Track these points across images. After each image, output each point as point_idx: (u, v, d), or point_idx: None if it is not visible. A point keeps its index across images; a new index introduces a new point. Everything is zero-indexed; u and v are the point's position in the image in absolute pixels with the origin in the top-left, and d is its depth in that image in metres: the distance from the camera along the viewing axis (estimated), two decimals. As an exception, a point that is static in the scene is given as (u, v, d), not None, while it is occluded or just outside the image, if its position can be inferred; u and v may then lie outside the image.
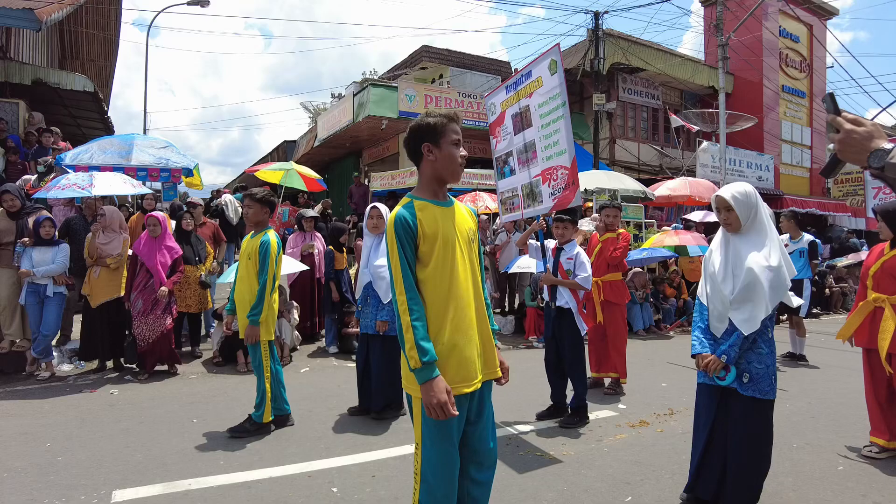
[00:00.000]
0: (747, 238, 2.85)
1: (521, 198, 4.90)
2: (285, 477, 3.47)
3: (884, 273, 3.86)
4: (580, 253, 4.64)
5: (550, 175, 4.53)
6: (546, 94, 4.50)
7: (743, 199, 2.84)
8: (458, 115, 2.32)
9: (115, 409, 4.91)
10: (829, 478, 3.49)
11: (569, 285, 4.58)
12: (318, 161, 19.77)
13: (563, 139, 4.39)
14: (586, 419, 4.52)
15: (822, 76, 22.30)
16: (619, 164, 17.36)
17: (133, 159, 9.20)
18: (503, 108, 5.09)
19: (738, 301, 2.82)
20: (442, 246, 2.12)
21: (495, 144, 5.23)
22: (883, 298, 3.81)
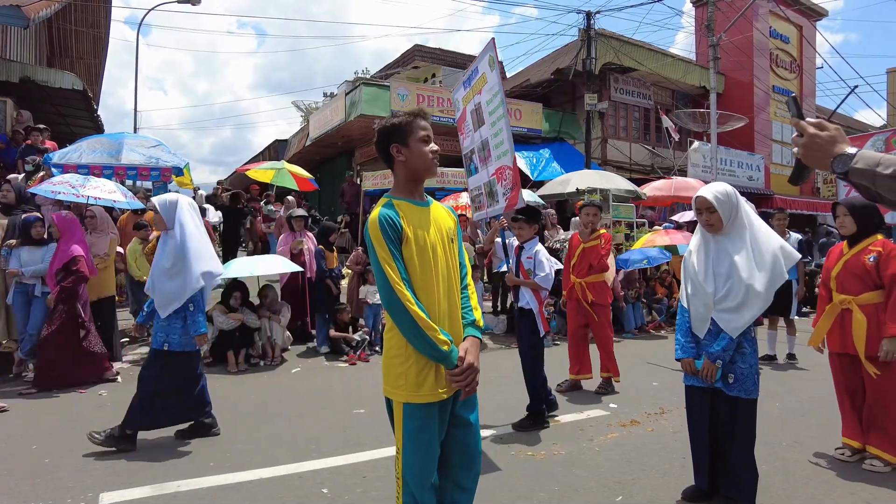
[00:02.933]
0: (729, 238, 2.83)
1: (485, 196, 4.86)
2: (276, 478, 3.45)
3: (847, 273, 3.75)
4: (539, 252, 4.57)
5: (501, 174, 4.49)
6: (490, 91, 4.42)
7: (724, 199, 2.83)
8: (425, 110, 2.28)
9: (104, 410, 4.87)
10: (818, 476, 3.51)
11: (529, 285, 4.52)
12: (309, 160, 19.70)
13: (505, 139, 4.31)
14: (543, 423, 4.42)
15: (812, 77, 22.45)
16: (611, 164, 17.40)
17: (123, 158, 9.13)
18: (464, 105, 5.02)
19: (728, 305, 2.80)
20: (420, 250, 2.09)
21: (462, 141, 5.21)
22: (849, 300, 3.70)
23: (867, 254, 3.64)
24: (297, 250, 7.64)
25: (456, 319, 2.17)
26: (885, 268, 3.55)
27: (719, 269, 2.84)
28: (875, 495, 3.24)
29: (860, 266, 3.65)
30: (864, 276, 3.64)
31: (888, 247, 3.61)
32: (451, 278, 2.18)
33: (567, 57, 16.96)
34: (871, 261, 3.60)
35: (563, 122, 17.42)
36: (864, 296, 3.64)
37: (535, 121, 16.73)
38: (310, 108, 31.80)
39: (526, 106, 16.80)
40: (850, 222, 3.73)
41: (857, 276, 3.68)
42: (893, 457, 3.50)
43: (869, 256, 3.62)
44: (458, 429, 2.18)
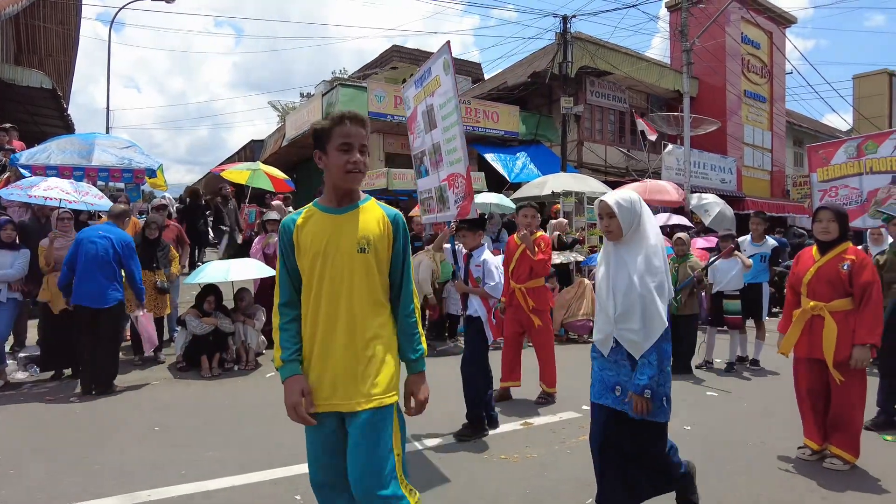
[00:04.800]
0: (628, 248, 2.70)
1: (435, 200, 4.76)
2: (248, 485, 3.44)
3: (819, 280, 3.72)
4: (487, 260, 4.45)
5: (454, 182, 4.41)
6: (444, 95, 4.32)
7: (627, 205, 2.70)
8: (358, 115, 2.09)
9: (73, 417, 4.79)
10: (781, 475, 3.61)
11: (477, 293, 4.43)
12: (286, 161, 19.54)
13: (459, 146, 4.23)
14: (482, 431, 4.33)
15: (782, 82, 22.99)
16: (587, 167, 17.60)
17: (94, 159, 8.97)
18: (415, 104, 4.88)
19: (630, 326, 2.62)
20: (313, 261, 2.03)
21: (412, 141, 5.08)
22: (821, 306, 3.68)
23: (841, 261, 3.65)
24: (270, 251, 7.59)
25: (356, 333, 2.03)
26: (858, 276, 3.57)
27: (618, 284, 2.68)
28: (835, 493, 3.35)
29: (834, 273, 3.65)
30: (837, 283, 3.64)
31: (860, 255, 3.65)
32: (353, 291, 2.03)
33: (544, 60, 17.11)
34: (844, 269, 3.61)
35: (540, 125, 17.57)
36: (836, 303, 3.65)
37: (511, 123, 16.85)
38: (287, 108, 31.54)
39: (503, 108, 16.91)
40: (836, 228, 3.72)
41: (829, 283, 3.67)
42: (853, 456, 3.63)
43: (843, 264, 3.63)
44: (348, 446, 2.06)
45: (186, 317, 6.47)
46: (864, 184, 7.27)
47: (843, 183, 7.51)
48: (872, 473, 3.62)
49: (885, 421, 4.51)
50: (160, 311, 6.84)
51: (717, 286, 6.91)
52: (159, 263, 6.80)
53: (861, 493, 3.37)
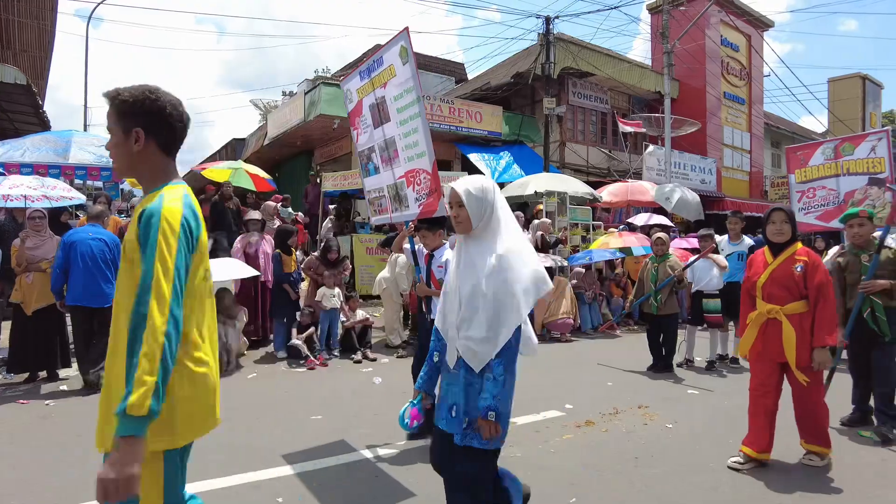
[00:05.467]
0: (478, 244, 2.37)
1: (389, 199, 4.53)
2: (230, 488, 3.40)
3: (773, 283, 3.68)
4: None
5: (414, 178, 4.20)
6: (400, 86, 4.09)
7: (478, 195, 2.38)
8: None
9: (48, 421, 4.69)
10: (763, 471, 3.65)
11: (437, 295, 4.13)
12: (268, 160, 19.37)
13: (422, 140, 4.03)
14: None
15: (760, 84, 23.35)
16: (569, 167, 17.69)
17: (71, 157, 8.81)
18: (360, 97, 4.60)
19: (472, 333, 2.27)
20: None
21: (356, 137, 4.79)
22: (777, 309, 3.64)
23: (794, 263, 3.63)
24: (252, 250, 7.52)
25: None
26: (812, 278, 3.56)
27: (464, 285, 2.34)
28: (816, 492, 3.41)
29: (787, 275, 3.63)
30: (791, 285, 3.62)
31: (812, 256, 3.64)
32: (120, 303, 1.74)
33: (527, 61, 17.16)
34: (798, 270, 3.59)
35: (523, 125, 17.62)
36: (791, 305, 3.62)
37: (495, 123, 16.87)
38: (268, 106, 31.26)
39: (486, 108, 16.93)
40: (789, 230, 3.70)
41: (784, 285, 3.64)
42: (826, 449, 3.71)
43: (796, 266, 3.61)
44: None
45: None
46: (841, 185, 7.29)
47: (821, 184, 7.61)
48: (849, 469, 3.69)
49: (859, 418, 4.61)
50: None
51: (697, 285, 6.99)
52: None
53: (836, 485, 3.43)
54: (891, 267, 4.36)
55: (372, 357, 7.18)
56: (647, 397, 5.44)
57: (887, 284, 4.29)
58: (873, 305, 4.34)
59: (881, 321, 4.31)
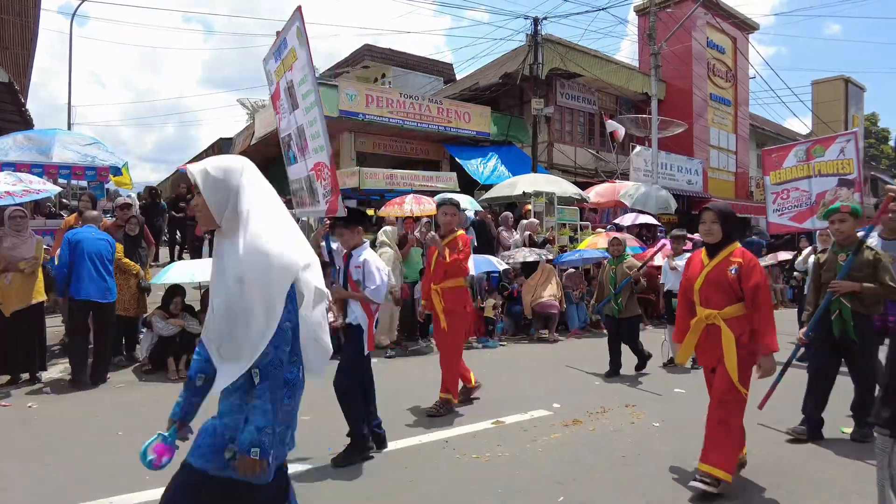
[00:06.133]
0: (230, 241, 1.88)
1: (306, 192, 4.30)
2: (216, 490, 3.37)
3: (709, 286, 3.45)
4: (368, 260, 3.92)
5: (320, 172, 4.00)
6: (301, 70, 3.88)
7: (217, 176, 1.88)
8: None
9: (32, 423, 4.63)
10: (749, 469, 3.68)
11: (357, 298, 3.89)
12: (255, 159, 18.82)
13: (321, 131, 3.81)
14: (365, 452, 3.87)
15: (746, 86, 23.61)
16: (557, 168, 17.76)
17: (54, 156, 8.70)
18: (276, 79, 4.36)
19: (218, 335, 1.89)
20: None
21: (279, 122, 4.56)
22: (715, 314, 3.41)
23: (729, 265, 3.40)
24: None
25: None
26: (747, 279, 3.33)
27: (217, 290, 1.89)
28: (795, 486, 3.44)
29: (723, 278, 3.40)
30: (727, 288, 3.39)
31: (747, 257, 3.41)
32: None
33: (515, 61, 17.21)
34: (732, 273, 3.36)
35: (511, 126, 17.67)
36: (728, 309, 3.38)
37: (483, 124, 16.91)
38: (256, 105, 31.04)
39: (474, 109, 16.96)
40: (718, 230, 3.46)
41: (720, 288, 3.42)
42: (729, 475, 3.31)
43: (731, 268, 3.38)
44: None
45: (152, 318, 6.33)
46: (812, 186, 7.42)
47: (794, 185, 7.72)
48: (829, 465, 3.74)
49: (810, 432, 4.23)
50: (141, 310, 6.67)
51: (668, 285, 6.96)
52: (140, 262, 6.69)
53: (821, 482, 3.47)
54: (868, 269, 4.10)
55: (360, 357, 7.16)
56: (634, 396, 5.48)
57: (856, 287, 4.06)
58: (841, 308, 4.14)
59: (847, 325, 4.11)
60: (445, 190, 11.92)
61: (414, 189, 11.23)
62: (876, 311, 4.22)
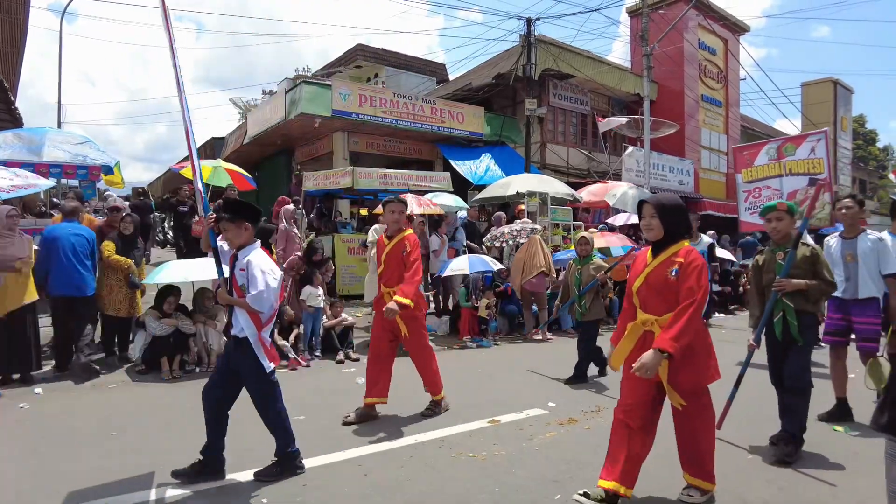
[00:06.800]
0: None
1: None
2: (210, 490, 3.36)
3: (649, 289, 3.07)
4: (252, 263, 3.44)
5: None
6: None
7: None
8: None
9: (24, 424, 4.59)
10: (735, 470, 3.72)
11: (239, 305, 3.45)
12: (247, 159, 19.18)
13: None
14: (296, 469, 3.60)
15: (737, 87, 23.80)
16: (550, 168, 17.82)
17: (45, 155, 8.62)
18: None
19: None
20: None
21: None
22: (652, 320, 3.03)
23: (670, 266, 2.99)
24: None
25: None
26: (684, 280, 2.93)
27: None
28: (790, 483, 3.48)
29: (662, 280, 3.01)
30: (666, 292, 3.00)
31: (691, 257, 2.97)
32: None
33: (508, 62, 17.25)
34: (672, 275, 2.96)
35: (504, 126, 17.71)
36: (668, 316, 2.96)
37: (476, 124, 16.94)
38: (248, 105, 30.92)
39: (468, 109, 16.98)
40: (658, 225, 3.05)
41: (659, 292, 3.03)
42: (709, 484, 3.21)
43: (671, 270, 2.97)
44: None
45: (146, 318, 6.29)
46: (784, 185, 7.27)
47: (766, 184, 7.54)
48: (827, 463, 3.78)
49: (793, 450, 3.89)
50: (133, 311, 6.60)
51: None
52: (135, 262, 6.62)
53: (812, 479, 3.51)
54: (807, 266, 3.91)
55: (354, 357, 7.15)
56: (628, 395, 5.50)
57: (802, 284, 3.85)
58: (785, 309, 3.91)
59: (791, 326, 3.88)
60: (439, 190, 11.93)
61: (409, 189, 11.23)
62: (818, 310, 4.09)
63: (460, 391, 5.39)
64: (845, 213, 4.76)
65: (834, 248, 4.87)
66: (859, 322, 4.70)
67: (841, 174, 30.07)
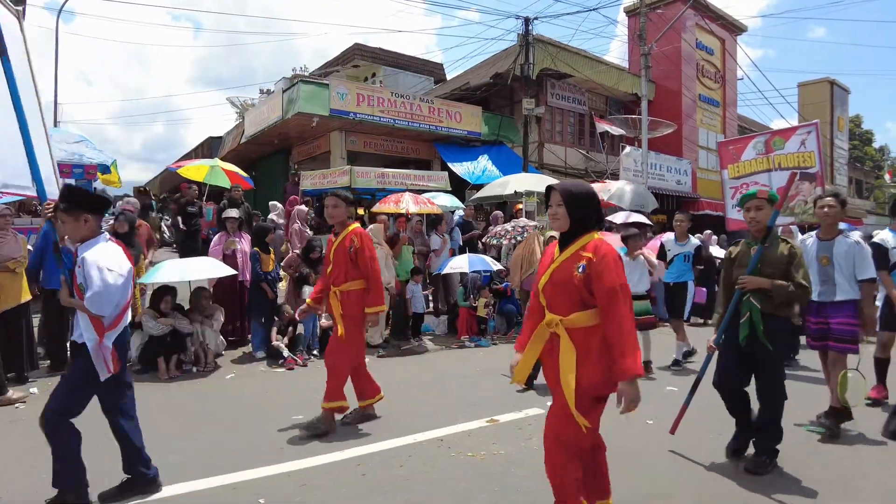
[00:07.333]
0: None
1: None
2: (208, 490, 3.34)
3: (554, 287, 2.63)
4: (88, 260, 3.03)
5: None
6: None
7: None
8: None
9: (18, 425, 4.55)
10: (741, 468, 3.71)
11: (76, 306, 3.09)
12: (245, 158, 19.14)
13: None
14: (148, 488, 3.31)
15: (734, 87, 23.83)
16: (548, 167, 17.82)
17: (40, 154, 8.57)
18: None
19: None
20: None
21: None
22: (556, 321, 2.59)
23: (577, 261, 2.56)
24: (229, 251, 7.40)
25: None
26: (598, 280, 2.50)
27: None
28: (779, 481, 3.46)
29: (567, 277, 2.58)
30: (572, 290, 2.57)
31: (602, 251, 2.54)
32: None
33: (506, 61, 17.24)
34: (579, 272, 2.53)
35: (502, 126, 17.71)
36: (574, 317, 2.56)
37: (474, 124, 16.93)
38: (245, 104, 30.87)
39: (465, 109, 16.98)
40: (564, 214, 2.63)
41: (564, 289, 2.59)
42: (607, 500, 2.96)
43: (578, 266, 2.54)
44: None
45: (142, 317, 6.26)
46: (772, 180, 6.92)
47: (753, 179, 7.25)
48: (803, 465, 3.77)
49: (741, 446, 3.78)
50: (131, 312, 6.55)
51: None
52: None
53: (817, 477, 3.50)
54: (781, 265, 3.58)
55: (352, 357, 7.12)
56: (627, 394, 5.48)
57: (766, 283, 3.54)
58: (751, 310, 3.58)
59: (757, 329, 3.55)
60: (437, 189, 11.92)
61: (406, 188, 11.22)
62: (785, 313, 3.69)
63: (459, 391, 5.37)
64: (827, 213, 4.43)
65: (809, 248, 4.55)
66: (835, 322, 4.40)
67: (838, 174, 30.15)
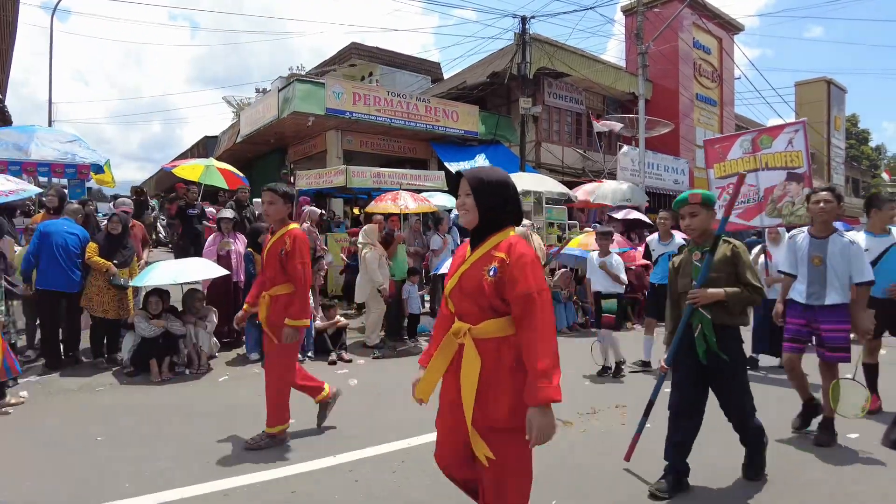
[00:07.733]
0: None
1: None
2: (198, 497, 3.28)
3: (461, 292, 2.27)
4: None
5: None
6: None
7: None
8: None
9: (9, 428, 4.49)
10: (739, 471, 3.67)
11: None
12: (240, 158, 19.07)
13: None
14: None
15: (731, 87, 23.82)
16: (545, 167, 17.79)
17: (32, 153, 8.53)
18: None
19: None
20: None
21: None
22: (465, 330, 2.23)
23: (488, 262, 2.19)
24: (223, 252, 7.33)
25: None
26: (512, 285, 2.12)
27: None
28: (778, 480, 3.42)
29: (476, 281, 2.21)
30: (480, 296, 2.20)
31: (518, 252, 2.15)
32: None
33: (503, 60, 17.21)
34: (490, 275, 2.16)
35: (499, 125, 17.67)
36: (484, 326, 2.20)
37: (471, 123, 16.88)
38: (241, 103, 30.76)
39: (462, 108, 16.93)
40: (473, 206, 2.26)
41: (472, 295, 2.23)
42: None
43: (489, 268, 2.17)
44: None
45: (135, 318, 6.19)
46: (760, 180, 6.62)
47: None
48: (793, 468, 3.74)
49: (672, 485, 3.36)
50: (123, 313, 6.46)
51: (596, 285, 6.63)
52: (123, 262, 6.46)
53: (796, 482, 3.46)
54: (727, 268, 3.32)
55: (347, 358, 7.07)
56: (624, 397, 5.44)
57: (720, 294, 3.24)
58: (702, 321, 3.30)
59: (710, 341, 3.28)
60: (434, 189, 11.86)
61: (402, 187, 11.15)
62: (743, 322, 3.38)
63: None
64: (822, 208, 4.10)
65: (801, 245, 4.27)
66: (827, 329, 4.10)
67: (834, 173, 30.18)
